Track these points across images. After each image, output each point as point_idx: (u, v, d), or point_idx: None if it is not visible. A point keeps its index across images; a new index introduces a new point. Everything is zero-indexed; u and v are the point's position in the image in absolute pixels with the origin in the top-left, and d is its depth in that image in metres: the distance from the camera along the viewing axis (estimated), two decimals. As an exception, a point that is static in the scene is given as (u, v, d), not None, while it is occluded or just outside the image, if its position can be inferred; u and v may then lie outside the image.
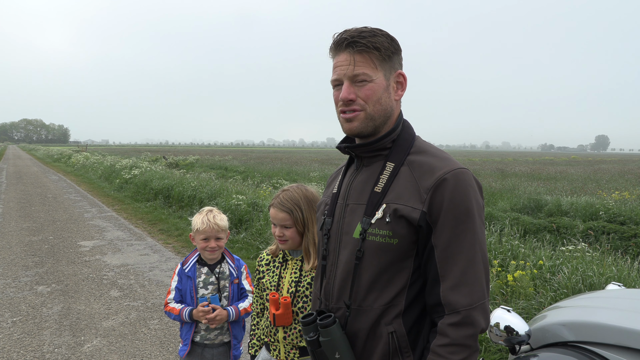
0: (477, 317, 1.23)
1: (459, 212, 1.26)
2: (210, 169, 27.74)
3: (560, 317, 2.35)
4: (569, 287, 4.35)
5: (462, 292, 1.24)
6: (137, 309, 5.17)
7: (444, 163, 1.32)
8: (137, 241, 8.65)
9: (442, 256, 1.27)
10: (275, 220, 1.98)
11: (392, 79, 1.38)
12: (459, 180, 1.27)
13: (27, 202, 13.75)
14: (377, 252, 1.33)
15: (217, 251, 2.54)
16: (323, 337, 1.36)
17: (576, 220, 10.97)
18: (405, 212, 1.29)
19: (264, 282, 2.09)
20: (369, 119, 1.36)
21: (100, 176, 21.62)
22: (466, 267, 1.25)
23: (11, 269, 6.68)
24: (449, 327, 1.23)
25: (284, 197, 1.97)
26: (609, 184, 19.87)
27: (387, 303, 1.33)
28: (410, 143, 1.41)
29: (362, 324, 1.36)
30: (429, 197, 1.27)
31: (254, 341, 2.22)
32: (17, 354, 4.04)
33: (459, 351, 1.22)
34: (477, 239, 1.27)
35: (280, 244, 2.01)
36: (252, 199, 9.97)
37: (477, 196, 1.30)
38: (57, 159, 40.75)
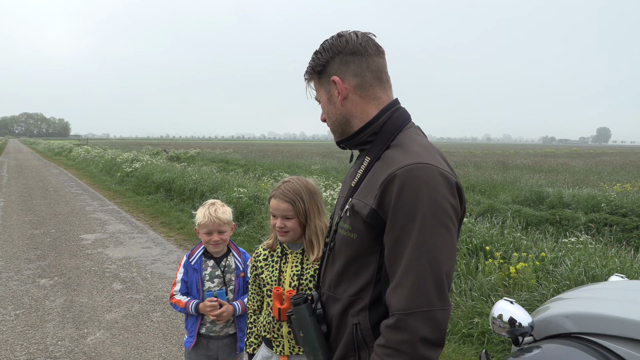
0: (414, 324, 1.15)
1: (405, 211, 1.19)
2: (211, 162, 27.72)
3: (563, 309, 2.35)
4: (572, 279, 4.35)
5: (399, 295, 1.18)
6: (140, 301, 5.18)
7: (405, 157, 1.25)
8: (139, 234, 8.66)
9: (388, 256, 1.24)
10: (277, 211, 1.96)
11: (332, 87, 1.44)
12: (410, 177, 1.20)
13: (29, 195, 13.76)
14: (343, 245, 1.38)
15: (220, 245, 2.53)
16: (294, 314, 1.49)
17: (578, 213, 10.96)
18: (359, 207, 1.31)
19: (264, 278, 2.05)
20: (333, 131, 1.52)
21: (101, 170, 21.63)
22: (406, 270, 1.18)
23: (14, 262, 6.70)
24: (385, 328, 1.21)
25: (285, 188, 1.96)
26: (611, 176, 19.84)
27: (353, 295, 1.36)
28: (393, 136, 1.37)
29: (335, 310, 1.43)
30: (379, 194, 1.24)
31: (251, 339, 2.18)
32: (21, 347, 4.06)
33: (393, 355, 1.17)
34: (422, 241, 1.17)
35: (280, 236, 1.98)
36: (254, 192, 9.96)
37: (436, 195, 1.19)
38: (58, 152, 40.74)
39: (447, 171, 1.25)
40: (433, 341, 1.17)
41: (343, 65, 1.41)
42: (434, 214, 1.18)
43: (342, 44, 1.41)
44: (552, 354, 2.05)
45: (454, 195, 1.24)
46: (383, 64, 1.44)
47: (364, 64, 1.40)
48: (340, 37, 1.43)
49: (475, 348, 3.99)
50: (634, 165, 26.17)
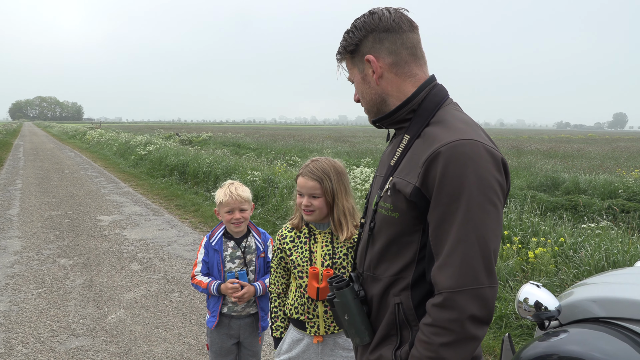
0: (463, 302, 1.14)
1: (451, 188, 1.17)
2: (223, 146, 27.80)
3: (590, 294, 2.32)
4: (592, 264, 4.31)
5: (447, 273, 1.17)
6: (158, 282, 5.24)
7: (449, 134, 1.22)
8: (154, 216, 8.74)
9: (434, 234, 1.22)
10: (304, 189, 1.94)
11: (366, 67, 1.41)
12: (454, 153, 1.17)
13: (45, 177, 13.94)
14: (384, 225, 1.36)
15: (242, 223, 2.53)
16: (337, 298, 1.46)
17: (594, 199, 10.84)
18: (401, 186, 1.28)
19: (294, 260, 2.03)
20: (368, 112, 1.49)
21: (115, 153, 21.81)
22: (454, 248, 1.16)
23: (33, 242, 6.81)
24: (432, 307, 1.20)
25: (313, 167, 1.95)
26: (628, 162, 19.54)
27: (395, 274, 1.35)
28: (432, 113, 1.35)
29: (375, 291, 1.41)
30: (422, 172, 1.22)
31: (277, 323, 2.15)
32: (44, 324, 4.14)
33: (441, 333, 1.17)
34: (470, 218, 1.15)
35: (306, 215, 1.96)
36: (268, 175, 9.98)
37: (482, 171, 1.17)
38: (72, 135, 41.13)
39: (492, 147, 1.22)
40: (481, 319, 1.16)
41: (377, 43, 1.38)
42: (481, 190, 1.16)
43: (375, 22, 1.37)
44: (581, 337, 2.03)
45: (500, 171, 1.21)
46: (417, 39, 1.40)
47: (399, 41, 1.37)
48: (372, 14, 1.39)
49: (493, 332, 3.99)
50: (651, 152, 25.73)
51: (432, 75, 1.42)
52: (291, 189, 8.90)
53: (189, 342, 3.85)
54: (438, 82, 1.42)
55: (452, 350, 1.17)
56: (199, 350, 3.72)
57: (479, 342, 1.19)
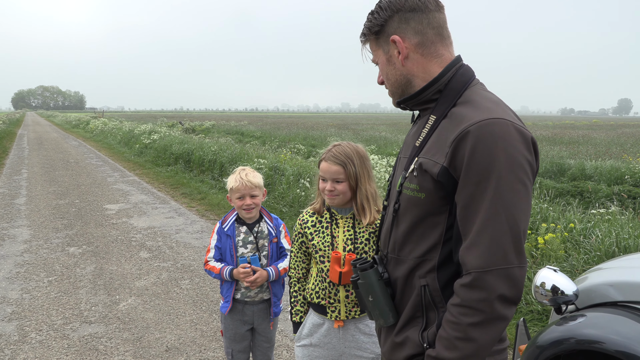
0: (492, 282, 1.14)
1: (480, 167, 1.16)
2: (226, 134, 27.77)
3: (606, 278, 2.31)
4: (602, 250, 4.29)
5: (475, 253, 1.17)
6: (168, 269, 5.27)
7: (477, 113, 1.21)
8: (161, 204, 8.76)
9: (462, 214, 1.21)
10: (328, 174, 1.93)
11: (391, 48, 1.38)
12: (484, 132, 1.16)
13: (51, 166, 13.97)
14: (410, 206, 1.35)
15: (253, 209, 2.53)
16: (361, 279, 1.46)
17: (601, 185, 10.80)
18: (428, 166, 1.27)
19: (316, 244, 2.02)
20: (392, 94, 1.47)
21: (119, 141, 21.82)
22: (483, 228, 1.16)
23: (42, 230, 6.84)
24: (461, 287, 1.20)
25: (336, 151, 1.94)
26: (634, 147, 19.43)
27: (420, 256, 1.34)
28: (459, 93, 1.33)
29: (399, 272, 1.41)
30: (450, 151, 1.21)
31: (297, 308, 2.14)
32: (56, 312, 4.17)
33: (470, 314, 1.17)
34: (499, 197, 1.15)
35: (329, 199, 1.96)
36: (273, 163, 9.97)
37: (512, 150, 1.16)
38: (75, 125, 41.15)
39: (522, 126, 1.21)
40: (510, 299, 1.16)
41: (403, 23, 1.36)
42: (511, 169, 1.15)
43: (400, 2, 1.35)
44: (599, 321, 2.03)
45: (530, 150, 1.20)
46: (443, 19, 1.38)
47: (425, 21, 1.34)
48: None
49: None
50: (657, 137, 25.57)
51: (458, 55, 1.40)
52: (297, 177, 8.89)
53: (201, 329, 3.87)
54: (464, 62, 1.39)
55: (481, 330, 1.17)
56: (212, 337, 3.75)
57: (508, 322, 1.19)
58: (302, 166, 9.74)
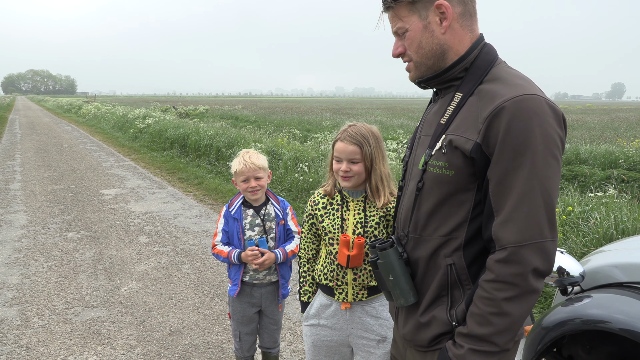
0: (527, 256, 1.16)
1: (516, 143, 1.16)
2: (221, 118, 27.59)
3: (611, 260, 2.33)
4: (600, 233, 4.33)
5: (512, 228, 1.17)
6: (168, 254, 5.26)
7: (510, 90, 1.21)
8: (158, 189, 8.73)
9: (495, 190, 1.21)
10: (344, 154, 1.90)
11: (432, 13, 1.32)
12: (519, 108, 1.16)
13: (44, 151, 13.84)
14: (436, 184, 1.33)
15: (259, 191, 2.52)
16: (380, 259, 1.45)
17: (595, 169, 10.87)
18: (460, 143, 1.26)
19: (325, 226, 2.01)
20: (419, 66, 1.39)
21: (113, 126, 21.62)
22: (519, 202, 1.17)
23: (39, 216, 6.80)
24: (495, 263, 1.20)
25: (352, 131, 1.91)
26: (628, 131, 19.53)
27: (446, 234, 1.33)
28: (485, 71, 1.32)
29: (422, 252, 1.39)
30: (484, 127, 1.20)
31: (305, 288, 2.15)
32: (58, 296, 4.17)
33: (504, 288, 1.18)
34: (535, 172, 1.16)
35: (344, 181, 1.93)
36: (270, 147, 9.94)
37: (546, 126, 1.17)
38: (67, 109, 40.68)
39: (553, 102, 1.22)
40: (542, 272, 1.18)
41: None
42: (545, 145, 1.17)
43: None
44: (604, 301, 2.05)
45: (561, 126, 1.22)
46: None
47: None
48: None
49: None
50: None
51: (482, 33, 1.38)
52: (295, 161, 8.87)
53: (204, 312, 3.89)
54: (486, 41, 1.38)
55: (515, 304, 1.18)
56: (215, 320, 3.77)
57: (539, 295, 1.22)
58: (299, 150, 9.71)
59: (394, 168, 7.47)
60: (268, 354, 2.77)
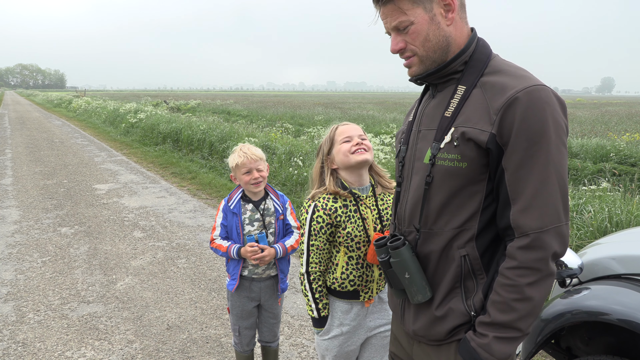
0: (549, 241, 1.19)
1: (531, 132, 1.19)
2: (213, 113, 27.45)
3: (608, 252, 2.36)
4: (595, 225, 4.38)
5: (533, 215, 1.20)
6: (163, 249, 5.24)
7: (518, 81, 1.23)
8: (151, 184, 8.68)
9: (512, 178, 1.22)
10: (353, 131, 1.95)
11: (436, 5, 1.31)
12: (532, 98, 1.19)
13: (35, 146, 13.70)
14: (447, 177, 1.33)
15: (261, 183, 2.50)
16: (393, 258, 1.43)
17: (587, 162, 10.96)
18: (473, 134, 1.26)
19: (350, 232, 1.92)
20: (424, 60, 1.36)
21: (104, 121, 21.44)
22: (538, 190, 1.20)
23: (31, 211, 6.74)
24: (517, 250, 1.22)
25: (347, 121, 2.05)
26: (618, 125, 19.72)
27: (458, 227, 1.34)
28: (485, 63, 1.33)
29: (434, 246, 1.39)
30: (498, 118, 1.22)
31: (324, 301, 2.00)
32: (53, 292, 4.14)
33: (527, 274, 1.20)
34: (551, 159, 1.20)
35: (359, 155, 1.89)
36: (264, 142, 9.91)
37: (556, 115, 1.21)
38: (57, 104, 40.26)
39: (556, 92, 1.26)
40: (559, 254, 1.22)
41: None
42: (557, 133, 1.21)
43: None
44: (602, 293, 2.07)
45: (565, 114, 1.27)
46: None
47: None
48: None
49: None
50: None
51: (473, 26, 1.40)
52: (289, 155, 8.85)
53: (201, 307, 3.88)
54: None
55: (537, 288, 1.21)
56: (212, 315, 3.76)
57: (555, 277, 1.25)
58: (293, 145, 9.69)
59: (388, 162, 7.48)
60: (267, 348, 2.77)
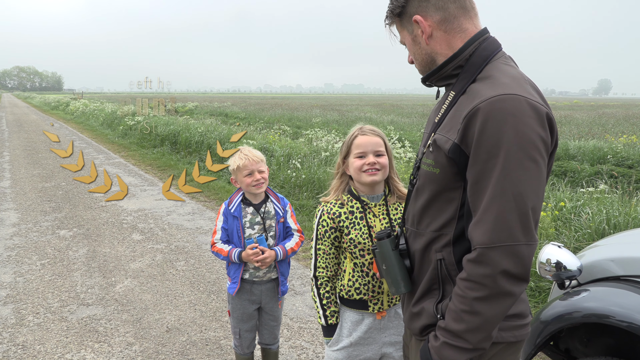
0: (495, 258, 1.15)
1: (489, 144, 1.15)
2: (210, 115, 27.42)
3: (607, 254, 2.37)
4: (593, 227, 4.40)
5: (481, 230, 1.18)
6: (162, 251, 5.24)
7: (490, 90, 1.19)
8: (149, 187, 8.68)
9: (471, 191, 1.22)
10: (369, 146, 1.87)
11: (415, 28, 1.40)
12: (493, 109, 1.15)
13: (33, 149, 13.69)
14: (427, 181, 1.37)
15: (263, 184, 2.51)
16: (377, 248, 1.53)
17: (584, 164, 11.00)
18: (441, 142, 1.29)
19: (354, 238, 1.91)
20: (420, 70, 1.47)
21: (102, 123, 21.39)
22: (489, 205, 1.16)
23: (30, 214, 6.73)
24: (467, 262, 1.22)
25: (369, 127, 1.95)
26: (615, 127, 19.78)
27: (437, 230, 1.36)
28: (479, 67, 1.31)
29: (417, 245, 1.44)
30: (462, 128, 1.22)
31: (332, 309, 1.99)
32: (52, 295, 4.13)
33: (475, 288, 1.19)
34: (507, 174, 1.14)
35: (370, 176, 1.85)
36: (262, 144, 9.91)
37: (522, 127, 1.14)
38: (55, 106, 40.17)
39: (537, 101, 1.19)
40: (515, 275, 1.17)
41: (423, 2, 1.36)
42: (520, 146, 1.14)
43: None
44: (601, 295, 2.09)
45: (544, 126, 1.19)
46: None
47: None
48: None
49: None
50: (637, 118, 26.06)
51: (484, 28, 1.39)
52: (288, 158, 8.86)
53: (200, 309, 3.88)
54: (491, 35, 1.38)
55: (486, 304, 1.19)
56: (211, 317, 3.76)
57: (514, 299, 1.20)
58: (291, 147, 9.70)
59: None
60: (268, 350, 2.77)
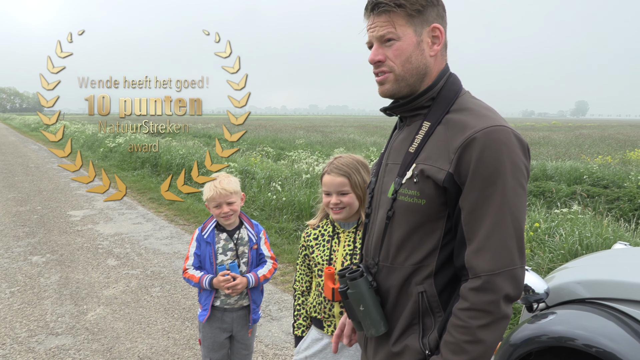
0: (500, 284, 1.18)
1: (487, 173, 1.19)
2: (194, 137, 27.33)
3: (573, 277, 2.40)
4: (566, 248, 4.45)
5: (485, 257, 1.19)
6: (137, 277, 5.15)
7: (479, 121, 1.24)
8: (128, 210, 8.56)
9: (468, 219, 1.22)
10: (332, 186, 1.91)
11: (426, 33, 1.33)
12: (490, 139, 1.20)
13: (9, 172, 13.43)
14: (407, 213, 1.33)
15: (231, 216, 2.50)
16: (350, 289, 1.42)
17: (561, 185, 11.19)
18: (432, 172, 1.27)
19: (315, 257, 2.01)
20: (399, 80, 1.35)
21: (82, 145, 21.14)
22: (491, 231, 1.19)
23: (2, 239, 6.56)
24: (469, 291, 1.21)
25: (339, 163, 1.94)
26: (591, 148, 20.23)
27: (417, 263, 1.33)
28: (452, 100, 1.35)
29: (393, 281, 1.38)
30: (456, 158, 1.23)
31: (299, 321, 2.13)
32: (20, 324, 4.01)
33: (479, 316, 1.19)
34: (506, 201, 1.19)
35: (336, 214, 1.92)
36: (244, 167, 9.89)
37: (514, 156, 1.20)
38: (34, 127, 39.63)
39: (518, 133, 1.27)
40: (513, 298, 1.21)
41: (439, 18, 1.36)
42: (514, 175, 1.21)
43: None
44: (567, 318, 2.10)
45: (526, 156, 1.27)
46: None
47: (446, 24, 1.38)
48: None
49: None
50: (612, 138, 26.70)
51: (447, 64, 1.42)
52: (268, 180, 8.85)
53: (174, 337, 3.80)
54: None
55: (489, 331, 1.20)
56: (185, 345, 3.68)
57: (509, 321, 1.26)
58: (272, 169, 9.70)
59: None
60: (240, 379, 2.72)
